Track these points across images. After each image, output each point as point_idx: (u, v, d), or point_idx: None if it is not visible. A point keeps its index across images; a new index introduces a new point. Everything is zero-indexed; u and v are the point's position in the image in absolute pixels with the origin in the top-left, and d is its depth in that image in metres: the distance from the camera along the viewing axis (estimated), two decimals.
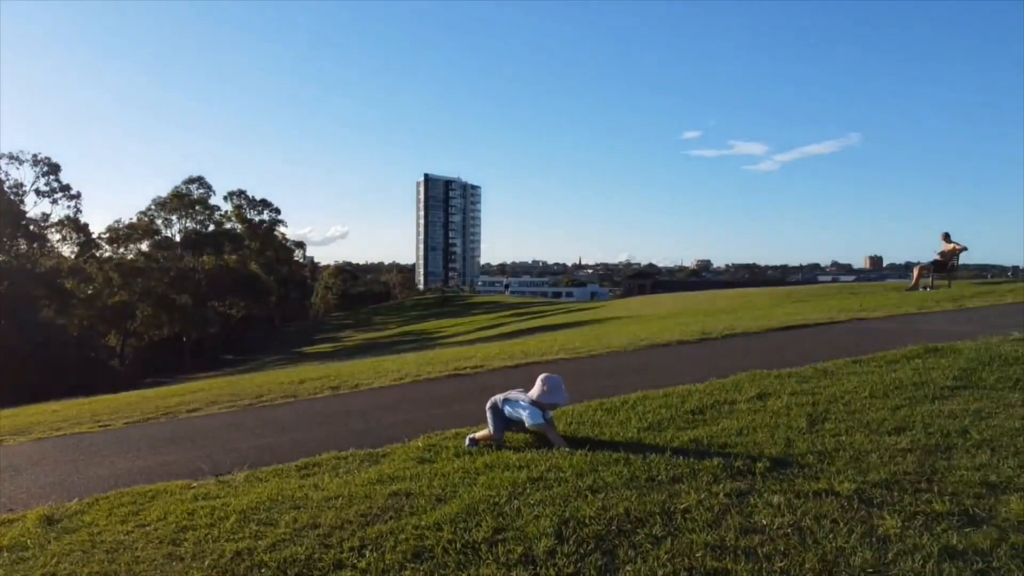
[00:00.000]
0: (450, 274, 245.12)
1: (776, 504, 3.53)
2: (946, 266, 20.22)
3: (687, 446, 4.61)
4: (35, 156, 50.91)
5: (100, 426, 7.98)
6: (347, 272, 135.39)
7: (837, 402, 5.44)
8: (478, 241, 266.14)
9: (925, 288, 19.83)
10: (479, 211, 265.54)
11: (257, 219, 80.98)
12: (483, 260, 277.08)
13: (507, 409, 5.19)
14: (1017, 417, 4.73)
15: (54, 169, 51.23)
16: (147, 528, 4.04)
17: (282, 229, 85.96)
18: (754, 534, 3.23)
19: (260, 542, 3.60)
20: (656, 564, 2.99)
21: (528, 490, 4.00)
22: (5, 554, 3.84)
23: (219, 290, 62.13)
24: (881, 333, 9.57)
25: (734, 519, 3.39)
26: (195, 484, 4.89)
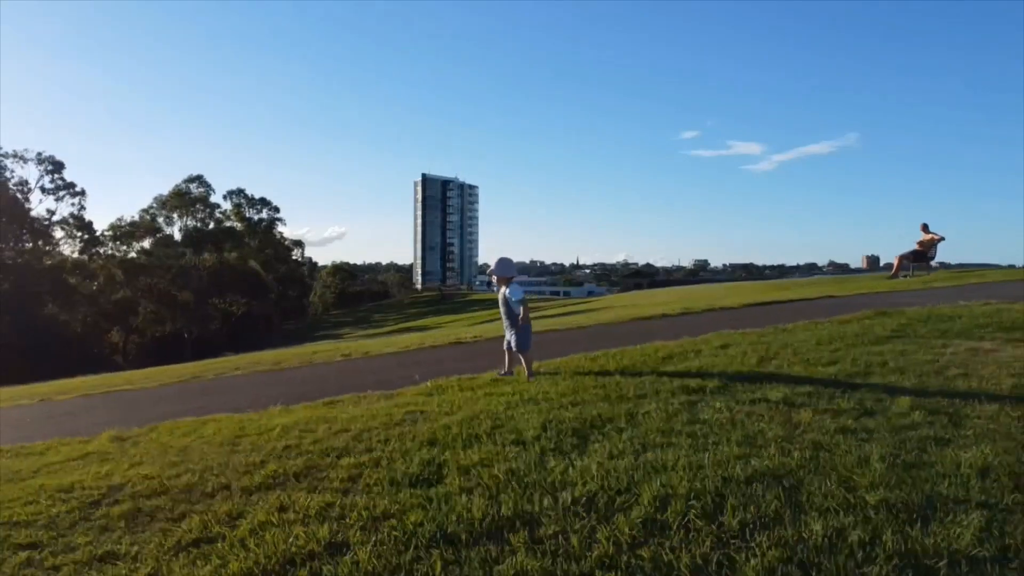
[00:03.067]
0: (448, 274, 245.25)
1: (718, 407, 4.40)
2: (925, 255, 21.08)
3: (654, 378, 5.48)
4: (39, 154, 51.87)
5: (137, 387, 8.82)
6: (345, 271, 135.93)
7: (787, 348, 6.32)
8: (476, 241, 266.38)
9: (905, 276, 20.66)
10: (477, 211, 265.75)
11: (256, 218, 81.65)
12: (481, 260, 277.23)
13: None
14: (932, 353, 5.60)
15: (58, 167, 52.19)
16: (205, 438, 4.90)
17: (280, 228, 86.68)
18: (697, 424, 4.09)
19: (304, 440, 4.47)
20: (618, 442, 3.85)
21: (520, 405, 4.88)
22: (93, 455, 4.70)
23: (220, 287, 63.01)
24: (845, 305, 10.45)
25: (683, 416, 4.26)
26: (238, 415, 5.75)
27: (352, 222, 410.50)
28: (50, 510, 3.58)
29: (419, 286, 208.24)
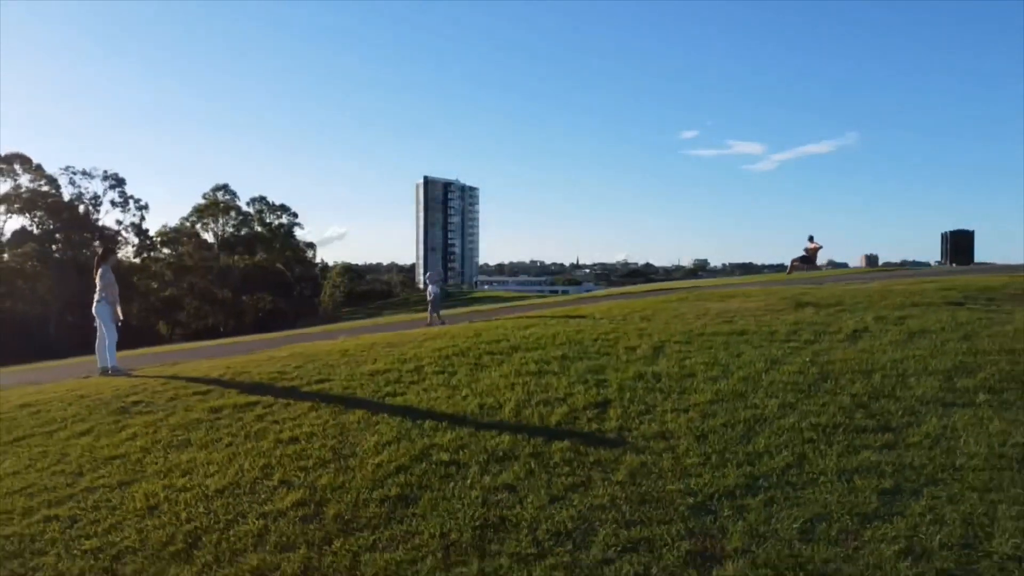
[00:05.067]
0: (449, 274, 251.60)
1: (578, 323, 12.16)
2: (811, 260, 28.89)
3: (558, 318, 13.21)
4: (105, 172, 60.66)
5: (313, 333, 16.59)
6: (353, 272, 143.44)
7: (622, 307, 14.05)
8: (476, 242, 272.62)
9: (797, 273, 28.43)
10: (477, 212, 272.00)
11: (276, 223, 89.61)
12: (481, 260, 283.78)
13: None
14: (679, 307, 13.34)
15: (120, 182, 60.69)
16: (397, 341, 12.65)
17: (298, 232, 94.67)
18: (566, 325, 11.83)
19: (444, 335, 12.22)
20: (536, 328, 11.58)
21: (504, 324, 12.64)
22: (346, 347, 12.45)
23: (251, 286, 71.10)
24: (695, 291, 18.17)
25: (558, 327, 12.00)
26: (399, 332, 13.50)
27: (352, 222, 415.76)
28: (373, 348, 11.31)
29: (421, 286, 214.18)
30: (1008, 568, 3.97)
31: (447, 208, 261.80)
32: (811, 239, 29.18)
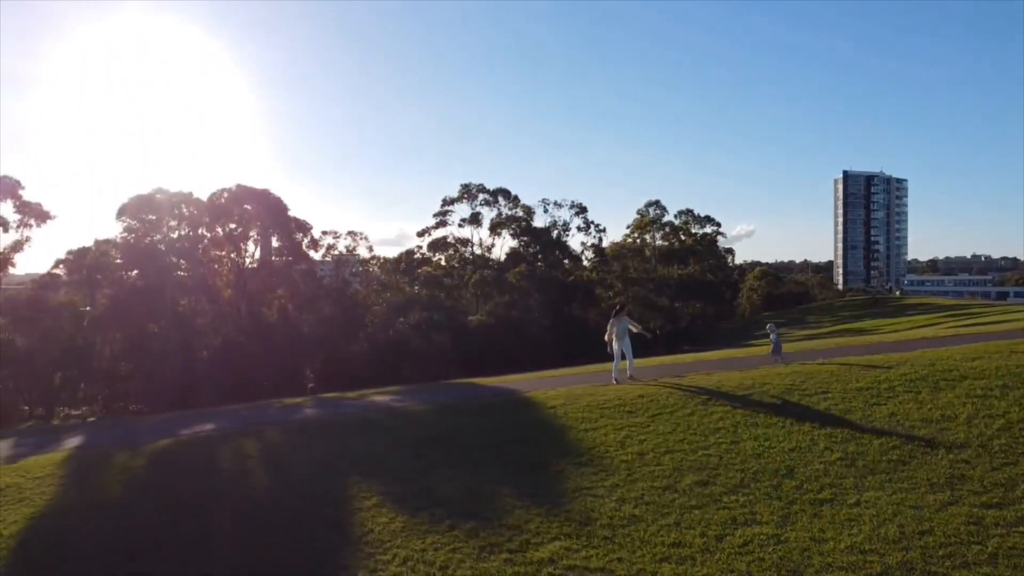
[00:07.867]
0: (872, 273, 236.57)
1: (1019, 357, 15.47)
2: None
3: (1001, 352, 16.47)
4: (572, 202, 77.32)
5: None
6: (771, 275, 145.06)
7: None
8: (904, 237, 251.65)
9: None
10: (905, 206, 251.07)
11: (700, 233, 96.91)
12: (910, 256, 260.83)
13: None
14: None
15: (583, 210, 75.60)
16: (874, 367, 17.40)
17: (721, 241, 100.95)
18: (1009, 365, 15.24)
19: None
20: (976, 368, 15.24)
21: (953, 355, 16.45)
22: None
23: (684, 294, 79.54)
24: None
25: (1000, 361, 15.41)
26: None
27: (761, 220, 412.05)
28: (851, 370, 16.28)
29: (840, 286, 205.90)
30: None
31: (869, 203, 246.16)
32: None
